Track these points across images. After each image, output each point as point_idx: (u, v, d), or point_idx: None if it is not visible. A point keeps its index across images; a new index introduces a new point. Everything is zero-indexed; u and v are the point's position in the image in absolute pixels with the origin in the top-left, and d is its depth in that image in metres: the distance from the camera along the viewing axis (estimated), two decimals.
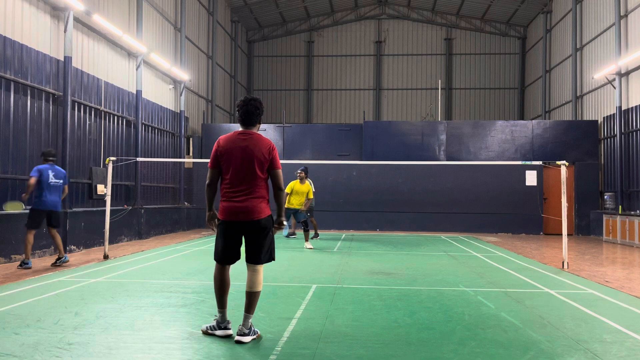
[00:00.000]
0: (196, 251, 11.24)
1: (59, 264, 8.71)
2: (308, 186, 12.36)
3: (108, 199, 9.87)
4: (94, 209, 12.04)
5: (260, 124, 4.67)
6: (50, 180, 8.61)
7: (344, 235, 16.25)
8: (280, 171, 4.47)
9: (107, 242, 9.77)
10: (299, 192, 12.21)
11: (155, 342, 4.30)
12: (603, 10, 17.89)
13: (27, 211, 8.71)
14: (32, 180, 8.42)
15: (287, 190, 12.15)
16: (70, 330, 4.58)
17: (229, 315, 4.62)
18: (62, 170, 9.06)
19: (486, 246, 13.12)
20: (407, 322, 5.09)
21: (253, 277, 4.39)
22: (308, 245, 11.88)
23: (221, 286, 4.44)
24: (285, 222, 4.58)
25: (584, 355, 4.07)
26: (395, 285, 7.20)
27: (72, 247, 10.88)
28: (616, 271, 8.98)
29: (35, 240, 9.78)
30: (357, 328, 4.84)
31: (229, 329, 4.45)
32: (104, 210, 9.98)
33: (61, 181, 8.85)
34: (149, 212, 14.84)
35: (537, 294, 6.64)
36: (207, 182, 4.50)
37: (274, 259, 4.53)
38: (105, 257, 9.61)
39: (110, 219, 10.01)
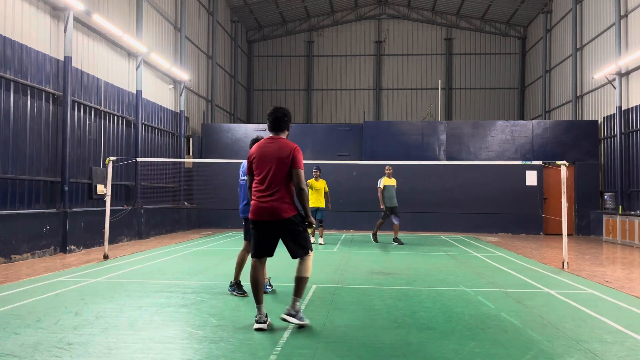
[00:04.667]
0: (196, 251, 11.23)
1: None
2: (323, 182, 13.16)
3: (108, 199, 9.87)
4: (94, 209, 12.04)
5: (288, 130, 5.04)
6: None
7: (344, 235, 16.25)
8: (300, 171, 4.71)
9: (107, 242, 9.77)
10: (315, 188, 12.92)
11: (155, 342, 4.30)
12: (603, 10, 17.88)
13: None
14: None
15: None
16: (70, 330, 4.58)
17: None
18: None
19: (486, 246, 13.12)
20: (407, 322, 5.09)
21: (301, 265, 4.79)
22: (321, 240, 12.99)
23: (254, 283, 4.79)
24: (314, 224, 4.88)
25: (584, 355, 4.07)
26: (395, 285, 7.20)
27: (72, 247, 10.88)
28: (616, 271, 8.97)
29: (34, 240, 9.81)
30: (357, 328, 4.84)
31: (262, 322, 4.67)
32: (104, 210, 9.98)
33: None
34: (149, 212, 14.84)
35: (537, 294, 6.64)
36: (246, 185, 5.18)
37: (311, 250, 4.82)
38: (105, 257, 9.61)
39: (110, 219, 10.01)
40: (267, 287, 6.59)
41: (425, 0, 27.19)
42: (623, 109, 16.38)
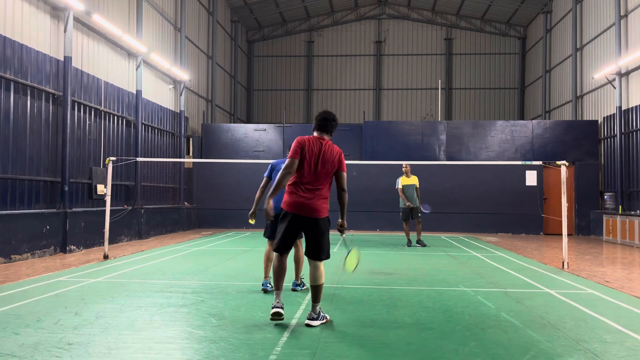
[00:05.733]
0: (196, 251, 11.23)
1: None
2: None
3: (108, 199, 9.87)
4: (94, 209, 12.04)
5: (332, 135, 5.11)
6: None
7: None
8: (345, 174, 4.94)
9: (107, 242, 9.77)
10: None
11: (155, 342, 4.30)
12: (603, 10, 17.88)
13: None
14: None
15: None
16: (70, 330, 4.58)
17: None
18: None
19: (486, 246, 13.12)
20: (407, 322, 5.09)
21: (315, 272, 4.87)
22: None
23: (278, 271, 4.94)
24: (345, 231, 4.97)
25: (584, 355, 4.07)
26: (395, 285, 7.20)
27: (72, 247, 10.88)
28: (616, 271, 8.97)
29: (34, 240, 9.81)
30: (357, 328, 4.84)
31: (278, 307, 4.81)
32: (104, 210, 9.98)
33: None
34: (149, 212, 14.84)
35: (537, 294, 6.64)
36: (285, 171, 4.78)
37: (329, 257, 4.94)
38: (105, 257, 9.60)
39: (110, 219, 10.01)
40: (298, 286, 6.61)
41: (425, 0, 27.19)
42: (623, 109, 16.38)
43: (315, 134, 5.05)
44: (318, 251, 4.86)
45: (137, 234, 14.04)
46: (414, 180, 12.70)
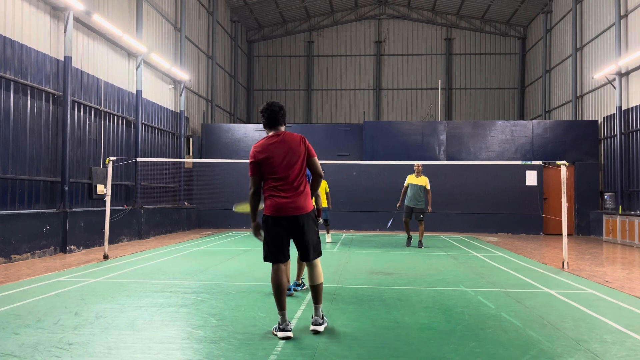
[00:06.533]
0: (196, 251, 11.23)
1: None
2: (324, 182, 13.15)
3: (108, 199, 9.87)
4: (94, 209, 12.04)
5: (285, 125, 4.77)
6: None
7: (344, 235, 16.25)
8: (316, 158, 4.67)
9: (107, 242, 9.77)
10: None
11: (155, 342, 4.30)
12: (603, 10, 17.88)
13: None
14: None
15: None
16: (70, 330, 4.58)
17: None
18: None
19: (486, 246, 13.12)
20: (407, 322, 5.09)
21: (312, 271, 4.69)
22: (329, 238, 13.68)
23: (278, 288, 4.54)
24: (321, 219, 4.78)
25: (584, 355, 4.07)
26: (395, 285, 7.20)
27: (72, 247, 10.88)
28: (616, 271, 8.97)
29: (34, 240, 9.81)
30: (357, 328, 4.84)
31: (288, 330, 4.46)
32: (104, 210, 9.98)
33: None
34: (149, 212, 14.84)
35: (537, 294, 6.64)
36: (251, 190, 4.59)
37: (320, 254, 4.74)
38: (105, 257, 9.60)
39: (110, 219, 10.01)
40: (298, 286, 6.56)
41: (425, 0, 27.19)
42: (623, 109, 16.38)
43: (269, 132, 4.70)
44: (307, 251, 4.65)
45: (137, 234, 14.04)
46: (422, 181, 12.39)
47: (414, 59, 28.29)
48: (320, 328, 4.63)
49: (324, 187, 12.87)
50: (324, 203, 13.01)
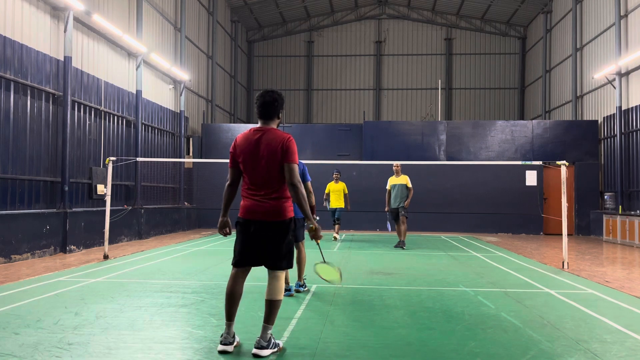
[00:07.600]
0: (196, 251, 11.23)
1: None
2: (342, 184, 14.02)
3: (108, 199, 9.87)
4: (94, 209, 12.04)
5: (279, 118, 4.26)
6: None
7: (344, 235, 16.25)
8: (292, 165, 3.96)
9: (107, 242, 9.77)
10: (334, 191, 13.87)
11: (155, 342, 4.30)
12: (603, 10, 17.88)
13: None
14: None
15: (326, 191, 14.23)
16: (70, 330, 4.58)
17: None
18: None
19: (486, 246, 13.12)
20: (407, 322, 5.09)
21: (273, 283, 4.03)
22: (337, 235, 14.04)
23: (230, 295, 4.03)
24: (315, 227, 4.12)
25: (584, 355, 4.07)
26: (395, 285, 7.20)
27: (72, 247, 10.88)
28: (616, 271, 8.97)
29: (34, 240, 9.81)
30: (357, 328, 4.84)
31: (227, 343, 4.00)
32: (104, 210, 9.98)
33: None
34: (149, 212, 14.84)
35: (537, 294, 6.64)
36: (227, 182, 4.18)
37: (291, 267, 4.20)
38: (105, 257, 9.61)
39: (110, 219, 10.01)
40: (301, 287, 6.51)
41: (425, 0, 27.19)
42: (623, 109, 16.38)
43: (259, 123, 4.22)
44: (272, 258, 4.02)
45: (137, 234, 14.04)
46: (402, 179, 12.36)
47: (414, 59, 28.29)
48: (264, 352, 3.89)
49: (341, 188, 13.83)
50: (340, 204, 13.77)
